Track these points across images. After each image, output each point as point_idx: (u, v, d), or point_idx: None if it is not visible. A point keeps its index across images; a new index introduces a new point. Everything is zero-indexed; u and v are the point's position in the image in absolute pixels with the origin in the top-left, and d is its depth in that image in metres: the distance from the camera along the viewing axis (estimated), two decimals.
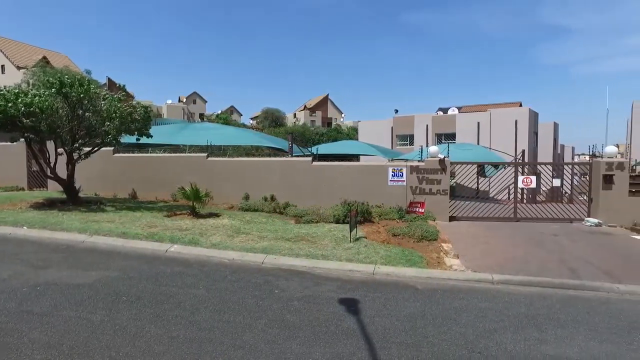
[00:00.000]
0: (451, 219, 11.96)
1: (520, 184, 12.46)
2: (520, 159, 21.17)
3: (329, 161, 14.45)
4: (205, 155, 14.03)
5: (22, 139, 11.30)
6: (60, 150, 11.70)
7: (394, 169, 12.21)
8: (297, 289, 5.69)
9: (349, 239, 8.30)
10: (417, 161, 12.99)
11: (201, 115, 79.04)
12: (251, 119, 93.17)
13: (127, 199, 13.79)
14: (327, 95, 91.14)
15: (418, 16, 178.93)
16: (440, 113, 37.44)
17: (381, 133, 36.10)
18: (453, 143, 27.58)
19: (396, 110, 39.87)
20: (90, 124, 11.29)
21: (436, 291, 5.82)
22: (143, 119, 11.61)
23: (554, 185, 13.31)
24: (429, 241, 8.67)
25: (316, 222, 10.24)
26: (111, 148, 13.59)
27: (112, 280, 5.72)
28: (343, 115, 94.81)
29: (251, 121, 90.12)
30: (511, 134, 29.98)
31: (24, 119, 10.00)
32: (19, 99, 9.88)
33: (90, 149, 11.96)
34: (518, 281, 6.31)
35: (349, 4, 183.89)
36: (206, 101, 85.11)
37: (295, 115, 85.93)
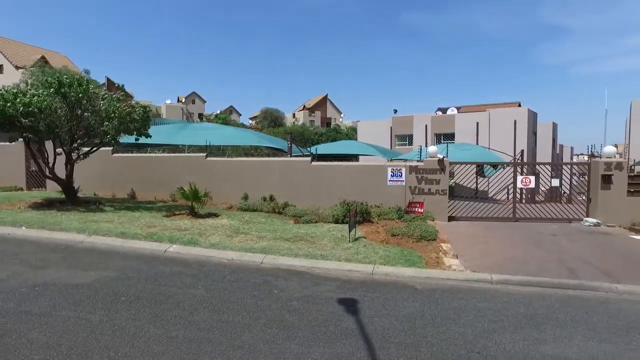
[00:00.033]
0: (450, 219, 11.97)
1: (519, 184, 12.48)
2: (519, 159, 21.19)
3: (328, 161, 14.45)
4: (204, 155, 14.02)
5: (21, 139, 11.29)
6: (59, 150, 11.69)
7: (393, 169, 12.22)
8: (296, 289, 5.69)
9: (348, 239, 8.30)
10: (416, 161, 13.00)
11: (200, 115, 78.99)
12: (250, 119, 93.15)
13: (126, 199, 13.78)
14: (326, 95, 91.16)
15: (418, 16, 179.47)
16: (439, 113, 37.50)
17: (380, 133, 36.14)
18: (452, 143, 27.60)
19: (395, 110, 39.95)
20: (89, 123, 11.28)
21: (435, 291, 5.83)
22: (142, 118, 11.60)
23: (552, 185, 13.33)
24: (428, 241, 8.67)
25: (315, 222, 10.24)
26: (110, 148, 13.57)
27: (111, 280, 5.72)
28: (342, 115, 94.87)
29: (250, 121, 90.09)
30: (510, 134, 30.03)
31: (22, 118, 9.98)
32: (18, 99, 9.86)
33: (89, 149, 11.95)
34: (517, 281, 6.32)
35: (348, 4, 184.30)
36: (205, 101, 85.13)
37: (294, 115, 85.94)
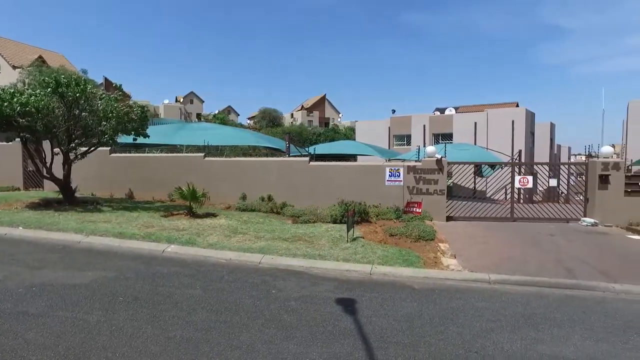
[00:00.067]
0: (448, 219, 11.99)
1: (517, 184, 12.52)
2: (517, 159, 21.26)
3: (326, 161, 14.45)
4: (202, 155, 14.01)
5: (18, 139, 11.26)
6: (57, 150, 11.66)
7: (391, 169, 12.23)
8: (294, 289, 5.69)
9: (346, 239, 8.30)
10: (414, 161, 12.99)
11: (198, 115, 78.89)
12: (248, 119, 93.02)
13: (124, 199, 13.75)
14: (325, 95, 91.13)
15: (418, 16, 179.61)
16: (438, 113, 37.53)
17: (378, 133, 36.15)
18: (450, 143, 27.63)
19: (393, 111, 39.92)
20: (86, 123, 11.25)
21: (433, 291, 5.83)
22: (140, 118, 11.58)
23: (550, 185, 13.37)
24: (426, 241, 8.69)
25: (313, 222, 10.24)
26: (108, 148, 13.55)
27: (109, 280, 5.70)
28: (340, 115, 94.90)
29: (248, 121, 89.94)
30: (508, 134, 30.07)
31: (19, 118, 9.95)
32: (15, 99, 9.84)
33: (86, 148, 11.93)
34: (515, 281, 6.33)
35: (348, 4, 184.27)
36: (203, 101, 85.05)
37: (292, 116, 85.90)
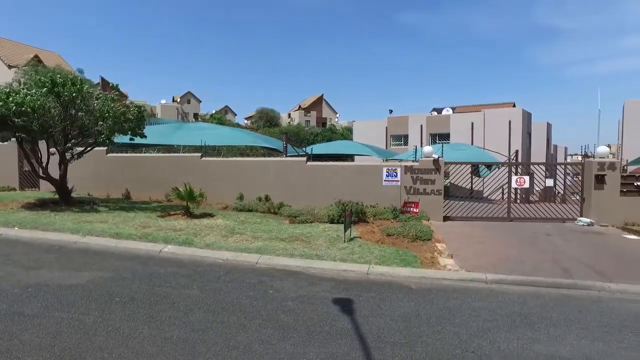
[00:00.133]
0: (445, 218, 12.02)
1: (513, 184, 12.55)
2: (514, 159, 21.31)
3: (323, 161, 14.44)
4: (199, 155, 13.98)
5: (14, 139, 11.20)
6: (53, 150, 11.61)
7: (388, 169, 12.24)
8: (292, 289, 5.68)
9: (344, 239, 8.30)
10: (412, 161, 13.01)
11: (195, 115, 78.68)
12: (245, 118, 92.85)
13: (121, 199, 13.70)
14: (322, 95, 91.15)
15: (416, 16, 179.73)
16: (435, 113, 37.61)
17: (376, 133, 36.17)
18: (447, 143, 27.68)
19: (390, 111, 40.09)
20: (83, 123, 11.21)
21: (430, 291, 5.84)
22: (136, 118, 11.55)
23: (547, 185, 13.42)
24: (423, 241, 8.70)
25: (310, 222, 10.24)
26: (104, 148, 13.51)
27: (105, 281, 5.68)
28: (337, 115, 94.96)
29: (245, 121, 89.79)
30: (505, 134, 30.16)
31: (15, 118, 9.91)
32: (10, 98, 9.79)
33: (83, 148, 11.88)
34: (511, 281, 6.35)
35: (347, 4, 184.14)
36: (200, 101, 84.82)
37: (289, 116, 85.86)
